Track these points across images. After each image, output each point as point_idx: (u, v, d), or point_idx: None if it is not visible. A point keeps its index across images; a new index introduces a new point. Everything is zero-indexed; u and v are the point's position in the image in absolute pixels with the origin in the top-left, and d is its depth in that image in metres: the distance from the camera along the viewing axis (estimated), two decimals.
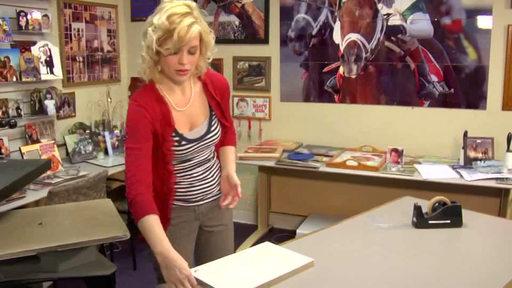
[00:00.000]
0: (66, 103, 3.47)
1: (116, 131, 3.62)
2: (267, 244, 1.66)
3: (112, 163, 3.31)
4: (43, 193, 2.54)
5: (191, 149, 1.62)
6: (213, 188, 1.73)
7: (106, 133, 3.55)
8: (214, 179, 1.73)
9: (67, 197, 2.52)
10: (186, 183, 1.67)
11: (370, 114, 3.57)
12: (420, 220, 1.85)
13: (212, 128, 1.66)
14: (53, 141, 3.15)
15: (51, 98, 3.19)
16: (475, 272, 1.50)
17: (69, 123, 3.51)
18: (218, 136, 1.67)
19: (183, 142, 1.59)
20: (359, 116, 3.60)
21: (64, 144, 3.35)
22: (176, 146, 1.59)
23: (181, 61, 1.49)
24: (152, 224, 1.43)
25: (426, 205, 1.90)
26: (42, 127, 3.23)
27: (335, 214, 3.43)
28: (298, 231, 3.51)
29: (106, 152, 3.52)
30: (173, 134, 1.58)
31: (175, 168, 1.64)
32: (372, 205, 2.16)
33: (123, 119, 3.79)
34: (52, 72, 3.18)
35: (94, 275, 1.77)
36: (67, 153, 3.34)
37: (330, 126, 3.69)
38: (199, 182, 1.69)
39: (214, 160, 1.75)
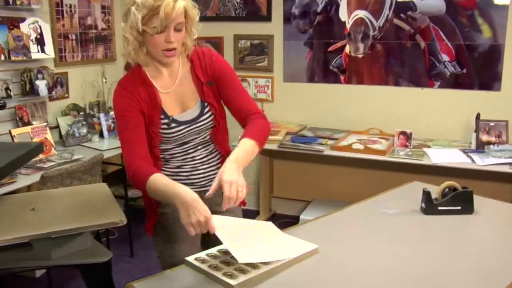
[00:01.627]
0: (58, 84, 3.45)
1: (112, 113, 3.60)
2: (270, 225, 1.65)
3: (108, 146, 3.30)
4: (35, 177, 2.54)
5: (183, 131, 1.61)
6: (217, 172, 1.71)
7: (101, 115, 3.54)
8: (219, 162, 1.71)
9: (61, 182, 2.52)
10: (188, 166, 1.67)
11: (377, 96, 3.56)
12: (429, 206, 1.85)
13: (206, 111, 1.63)
14: (45, 124, 3.14)
15: (43, 78, 3.17)
16: (486, 261, 1.49)
17: (62, 105, 3.50)
18: (211, 120, 1.65)
19: (173, 125, 1.59)
20: (366, 97, 3.59)
21: (57, 127, 3.34)
22: (165, 129, 1.58)
23: (169, 39, 1.48)
24: (159, 179, 1.43)
25: (435, 191, 1.89)
26: (33, 109, 3.22)
27: (340, 200, 3.45)
28: (301, 217, 3.53)
29: (101, 135, 3.52)
30: (162, 117, 1.57)
31: (175, 152, 1.64)
32: (378, 191, 2.16)
33: None
34: (43, 51, 3.15)
35: (89, 263, 1.77)
36: (60, 136, 3.33)
37: (335, 108, 3.68)
38: (202, 165, 1.68)
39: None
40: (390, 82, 3.51)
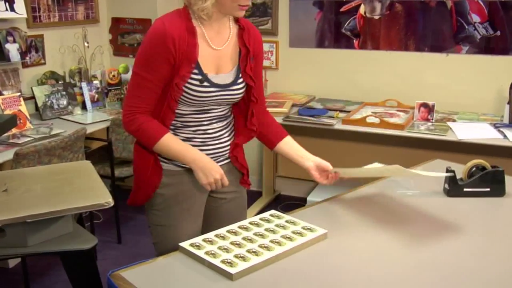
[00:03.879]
0: (33, 48, 3.41)
1: (96, 82, 3.59)
2: (273, 213, 1.68)
3: (92, 119, 3.29)
4: (8, 155, 2.53)
5: (213, 95, 1.65)
6: (226, 150, 1.78)
7: (84, 84, 3.52)
8: (229, 139, 1.78)
9: (38, 160, 2.52)
10: (198, 140, 1.71)
11: (395, 63, 3.53)
12: (454, 187, 1.85)
13: (239, 81, 1.71)
14: (18, 94, 3.12)
15: (14, 42, 3.13)
16: None
17: (38, 72, 3.47)
18: (241, 94, 1.73)
19: (206, 84, 1.64)
20: (383, 64, 3.56)
21: (33, 97, 3.32)
22: (195, 85, 1.63)
23: None
24: (174, 140, 1.65)
25: (461, 170, 1.89)
26: (4, 77, 3.19)
27: (352, 179, 3.45)
28: (308, 198, 3.55)
29: (84, 107, 3.50)
30: (195, 71, 1.62)
31: (190, 120, 1.69)
32: None
33: (103, 68, 3.76)
34: (12, 9, 3.10)
35: (71, 250, 1.78)
36: (37, 108, 3.32)
37: (347, 77, 3.66)
38: (213, 140, 1.73)
39: (231, 118, 1.80)
40: (410, 47, 3.47)
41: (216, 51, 1.67)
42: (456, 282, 1.32)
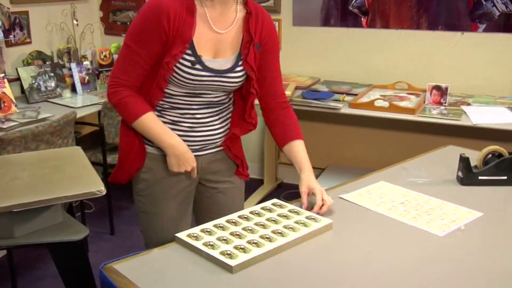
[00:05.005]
0: (17, 26, 3.40)
1: (86, 63, 3.58)
2: (275, 202, 1.68)
3: (82, 103, 3.28)
4: None
5: (205, 79, 1.64)
6: (217, 138, 1.77)
7: (73, 65, 3.51)
8: (221, 127, 1.78)
9: (24, 146, 2.52)
10: (186, 125, 1.71)
11: (406, 42, 3.52)
12: (468, 175, 1.84)
13: (238, 69, 1.69)
14: (2, 75, 3.10)
15: None
16: None
17: (23, 52, 3.46)
18: (239, 82, 1.71)
19: (198, 66, 1.62)
20: (393, 44, 3.55)
21: (18, 79, 3.31)
22: (186, 66, 1.62)
23: None
24: (154, 121, 1.66)
25: (475, 157, 1.88)
26: None
27: (359, 167, 3.47)
28: None
29: (73, 89, 3.50)
30: (188, 52, 1.61)
31: (180, 102, 1.69)
32: (406, 156, 2.16)
33: (94, 47, 3.74)
34: None
35: (61, 241, 1.79)
36: (22, 91, 3.31)
37: (355, 58, 3.65)
38: (201, 126, 1.73)
39: (225, 106, 1.78)
40: (422, 26, 3.45)
41: (217, 34, 1.65)
42: (469, 276, 1.32)
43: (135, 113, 1.63)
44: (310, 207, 1.64)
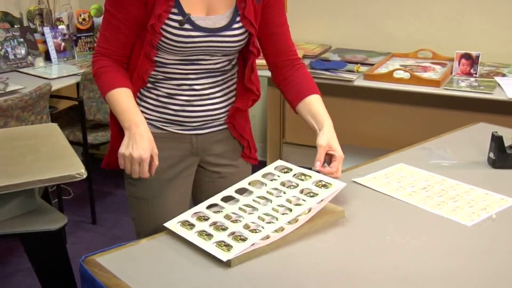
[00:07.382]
0: None
1: (62, 27, 3.57)
2: (279, 162, 1.72)
3: (58, 73, 3.28)
4: None
5: (197, 40, 1.62)
6: (220, 113, 1.76)
7: (46, 30, 3.50)
8: (223, 100, 1.76)
9: None
10: (182, 98, 1.70)
11: (431, 4, 3.51)
12: (501, 157, 1.84)
13: (236, 26, 1.66)
14: None
15: None
16: None
17: None
18: (239, 42, 1.69)
19: (187, 26, 1.61)
20: (415, 6, 3.55)
21: None
22: (175, 28, 1.60)
23: None
24: (123, 97, 1.63)
25: (510, 136, 1.88)
26: None
27: (375, 147, 3.46)
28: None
29: (47, 58, 3.50)
30: (174, 11, 1.59)
31: (174, 71, 1.68)
32: (429, 135, 2.16)
33: (71, 9, 3.72)
34: None
35: (35, 231, 1.79)
36: None
37: (371, 22, 3.65)
38: (201, 100, 1.72)
39: (229, 75, 1.77)
40: None
41: None
42: (500, 272, 1.32)
43: (107, 86, 1.64)
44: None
